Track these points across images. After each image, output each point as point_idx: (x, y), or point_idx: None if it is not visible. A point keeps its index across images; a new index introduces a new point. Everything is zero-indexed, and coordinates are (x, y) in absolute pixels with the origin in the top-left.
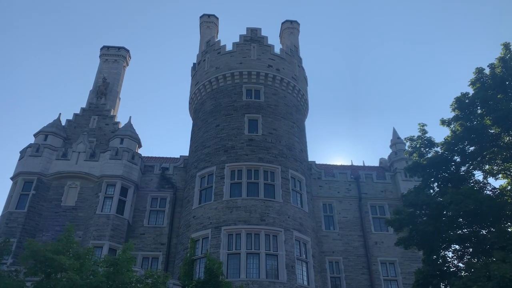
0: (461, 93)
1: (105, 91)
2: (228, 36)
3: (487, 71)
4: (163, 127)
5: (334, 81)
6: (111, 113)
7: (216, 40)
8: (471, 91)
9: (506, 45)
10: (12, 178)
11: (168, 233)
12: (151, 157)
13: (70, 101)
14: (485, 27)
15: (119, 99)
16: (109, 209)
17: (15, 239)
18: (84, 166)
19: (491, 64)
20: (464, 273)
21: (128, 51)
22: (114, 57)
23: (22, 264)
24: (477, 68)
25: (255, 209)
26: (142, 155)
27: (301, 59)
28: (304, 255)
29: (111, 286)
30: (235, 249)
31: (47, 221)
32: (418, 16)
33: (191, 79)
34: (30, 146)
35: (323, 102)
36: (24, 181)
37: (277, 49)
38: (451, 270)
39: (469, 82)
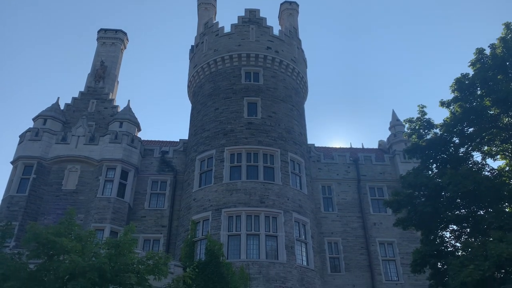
0: (461, 74)
1: (103, 75)
2: (226, 17)
3: (487, 51)
4: (162, 110)
5: (333, 63)
6: (110, 97)
7: (214, 21)
8: (471, 72)
9: (507, 25)
10: (12, 162)
11: (169, 216)
12: (151, 141)
13: (68, 85)
14: (486, 7)
15: (117, 82)
16: (109, 192)
17: (17, 223)
18: (84, 150)
19: (492, 44)
20: (461, 253)
21: (125, 34)
22: (111, 40)
23: (24, 247)
24: (477, 48)
25: (255, 191)
26: (142, 139)
27: (300, 41)
28: (303, 236)
29: (113, 267)
30: (235, 231)
31: (48, 204)
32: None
33: (189, 62)
34: (29, 130)
35: (323, 85)
36: (24, 165)
37: (276, 31)
38: (449, 250)
39: (469, 63)
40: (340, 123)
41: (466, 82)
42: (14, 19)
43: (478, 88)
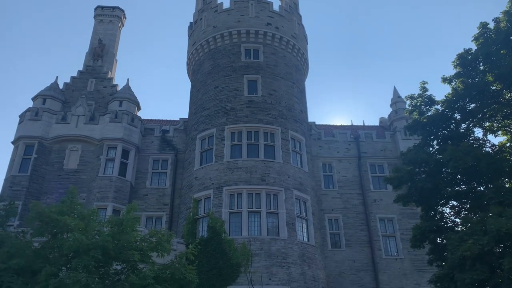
0: (464, 49)
1: (101, 53)
2: None
3: (491, 25)
4: (161, 89)
5: (334, 40)
6: (109, 76)
7: None
8: (474, 47)
9: None
10: (13, 142)
11: (170, 194)
12: (151, 120)
13: (67, 64)
14: None
15: (116, 61)
16: (111, 171)
17: (20, 202)
18: (84, 129)
19: (496, 18)
20: (460, 228)
21: (123, 11)
22: (109, 18)
23: (28, 226)
24: (481, 22)
25: (256, 169)
26: (142, 118)
27: (300, 16)
28: (304, 213)
29: (116, 245)
30: (237, 208)
31: (50, 184)
32: None
33: (188, 39)
34: (29, 110)
35: (323, 62)
36: (25, 145)
37: (276, 6)
38: (448, 225)
39: (473, 38)
40: (341, 101)
41: (469, 57)
42: None
43: (481, 64)
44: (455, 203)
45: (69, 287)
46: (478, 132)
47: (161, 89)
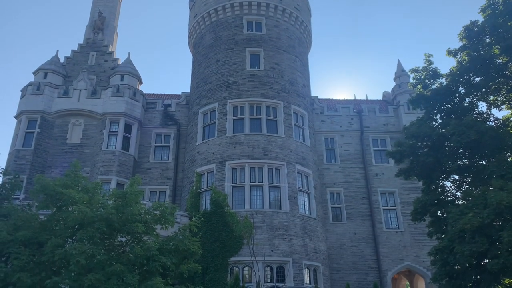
0: (470, 21)
1: (101, 26)
2: None
3: None
4: (163, 63)
5: (337, 12)
6: (110, 49)
7: None
8: (481, 19)
9: None
10: (16, 117)
11: (174, 168)
12: (153, 94)
13: (67, 37)
14: None
15: (117, 34)
16: (114, 145)
17: (25, 176)
18: (86, 104)
19: None
20: (461, 202)
21: None
22: None
23: (33, 199)
24: None
25: (258, 144)
26: (144, 92)
27: None
28: (306, 187)
29: (121, 217)
30: (239, 182)
31: (54, 158)
32: None
33: (190, 12)
34: (30, 84)
35: (327, 34)
36: (28, 119)
37: None
38: (449, 199)
39: (480, 9)
40: (344, 75)
41: (475, 29)
42: None
43: (487, 36)
44: (456, 177)
45: (74, 258)
46: (482, 106)
47: (163, 63)
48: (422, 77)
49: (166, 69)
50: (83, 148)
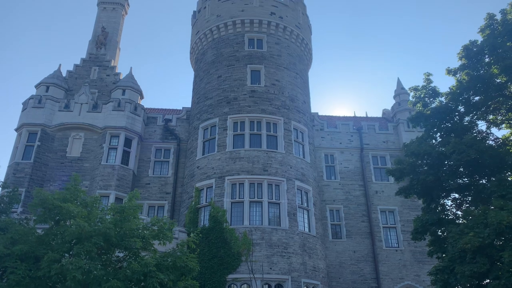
0: (470, 40)
1: (104, 41)
2: None
3: (498, 17)
4: (164, 78)
5: (338, 30)
6: (112, 64)
7: None
8: (480, 38)
9: None
10: (16, 130)
11: (173, 183)
12: (154, 109)
13: (70, 51)
14: None
15: (119, 49)
16: (114, 159)
17: (23, 189)
18: (87, 118)
19: (503, 9)
20: (462, 221)
21: None
22: (112, 5)
23: (31, 212)
24: (488, 13)
25: (258, 159)
26: (145, 107)
27: (305, 6)
28: (305, 204)
29: (119, 232)
30: (239, 198)
31: (53, 171)
32: None
33: (192, 28)
34: (32, 97)
35: (327, 52)
36: (28, 132)
37: None
38: (450, 218)
39: (479, 29)
40: (344, 92)
41: (474, 49)
42: None
43: (486, 56)
44: (457, 195)
45: (71, 273)
46: (482, 125)
47: (164, 78)
48: (422, 95)
49: (167, 84)
50: (83, 162)
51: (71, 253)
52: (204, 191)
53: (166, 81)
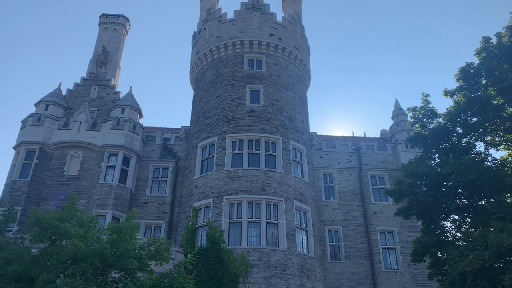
0: (466, 63)
1: (105, 60)
2: (230, 3)
3: (494, 40)
4: (164, 97)
5: (336, 51)
6: (112, 83)
7: (217, 8)
8: (476, 61)
9: None
10: (14, 148)
11: (170, 202)
12: (153, 127)
13: (70, 70)
14: None
15: (119, 68)
16: (111, 178)
17: (19, 207)
18: (86, 136)
19: (498, 33)
20: (461, 243)
21: (127, 19)
22: (113, 26)
23: (27, 232)
24: (483, 37)
25: (256, 179)
26: (144, 125)
27: (303, 28)
28: (304, 224)
29: (115, 252)
30: (237, 218)
31: (50, 190)
32: None
33: (192, 48)
34: (31, 115)
35: (326, 73)
36: (26, 150)
37: (279, 18)
38: (449, 239)
39: (475, 52)
40: (343, 112)
41: (471, 71)
42: (16, 3)
43: (483, 78)
44: (456, 217)
45: None
46: (480, 146)
47: (164, 97)
48: (420, 116)
49: (167, 103)
50: (80, 181)
51: (66, 273)
52: (201, 210)
53: (165, 100)
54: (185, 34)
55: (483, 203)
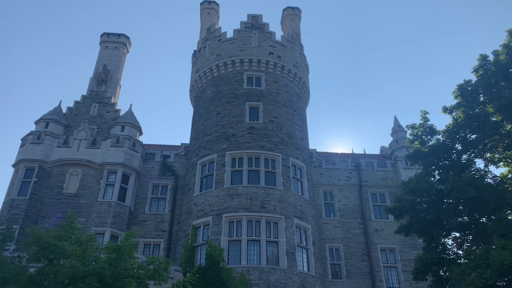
0: (464, 80)
1: (105, 78)
2: (229, 23)
3: (491, 58)
4: (164, 114)
5: (335, 69)
6: (112, 101)
7: (217, 27)
8: (474, 78)
9: (510, 32)
10: (14, 165)
11: (169, 220)
12: (152, 145)
13: (70, 88)
14: (491, 13)
15: (120, 86)
16: (110, 196)
17: (17, 226)
18: (86, 154)
19: (495, 51)
20: (463, 260)
21: (128, 38)
22: (114, 44)
23: (24, 251)
24: (481, 54)
25: (256, 196)
26: (143, 143)
27: (302, 46)
28: (304, 242)
29: (113, 272)
30: (236, 236)
31: (49, 208)
32: (423, 3)
33: (192, 67)
34: (31, 133)
35: (325, 90)
36: (25, 168)
37: (278, 36)
38: (451, 257)
39: (473, 69)
40: (342, 129)
41: (469, 88)
42: (17, 20)
43: (481, 95)
44: (457, 234)
45: None
46: (480, 163)
47: (164, 114)
48: (419, 133)
49: (167, 120)
50: (79, 198)
51: None
52: (201, 229)
53: (165, 118)
54: (185, 53)
55: (484, 220)
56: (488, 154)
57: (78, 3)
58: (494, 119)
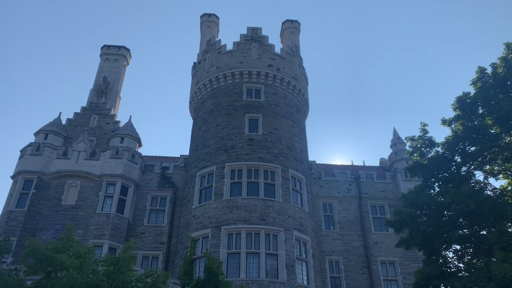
0: (463, 92)
1: (105, 90)
2: (229, 35)
3: (489, 70)
4: (163, 126)
5: (334, 81)
6: (112, 112)
7: (217, 39)
8: (472, 90)
9: (508, 45)
10: (12, 177)
11: (168, 232)
12: (151, 156)
13: (70, 100)
14: (488, 27)
15: (120, 98)
16: (109, 208)
17: (15, 238)
18: (85, 165)
19: (493, 63)
20: (464, 274)
21: (128, 50)
22: (114, 56)
23: (22, 263)
24: (479, 67)
25: (255, 208)
26: (143, 154)
27: (301, 58)
28: (304, 255)
29: (111, 285)
30: (235, 249)
31: (47, 220)
32: (420, 16)
33: (192, 79)
34: (30, 145)
35: (324, 102)
36: (24, 180)
37: (277, 49)
38: (452, 270)
39: (471, 82)
40: (342, 141)
41: (468, 100)
42: (17, 33)
43: (480, 107)
44: (458, 247)
45: None
46: (479, 175)
47: (163, 126)
48: (418, 145)
49: (166, 132)
50: (78, 210)
51: None
52: (199, 241)
53: (165, 129)
54: (185, 65)
55: (485, 232)
56: (488, 166)
57: (79, 16)
58: (493, 131)
